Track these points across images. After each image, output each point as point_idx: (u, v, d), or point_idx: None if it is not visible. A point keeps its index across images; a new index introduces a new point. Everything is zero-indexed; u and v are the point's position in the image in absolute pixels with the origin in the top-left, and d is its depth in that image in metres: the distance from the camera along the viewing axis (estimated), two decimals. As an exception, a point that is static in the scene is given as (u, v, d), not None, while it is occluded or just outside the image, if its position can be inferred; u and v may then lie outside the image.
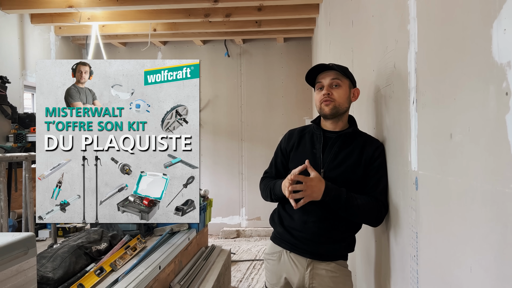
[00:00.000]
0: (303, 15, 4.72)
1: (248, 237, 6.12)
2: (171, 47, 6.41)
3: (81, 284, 2.03)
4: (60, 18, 4.97)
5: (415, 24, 1.22)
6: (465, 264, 0.89)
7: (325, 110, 1.63)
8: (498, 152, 0.75)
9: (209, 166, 6.15)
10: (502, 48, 0.74)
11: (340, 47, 3.00)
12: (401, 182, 1.40)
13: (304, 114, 6.03)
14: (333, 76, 1.63)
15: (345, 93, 1.64)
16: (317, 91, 1.68)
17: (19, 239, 1.45)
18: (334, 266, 1.65)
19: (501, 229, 0.75)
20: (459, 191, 0.93)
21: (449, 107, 0.98)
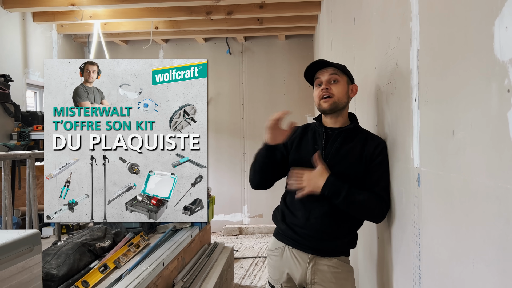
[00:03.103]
0: (304, 12, 4.72)
1: (250, 234, 6.14)
2: (173, 45, 6.41)
3: (86, 281, 2.04)
4: (62, 16, 4.98)
5: (417, 22, 1.23)
6: (467, 260, 0.90)
7: (323, 106, 1.64)
8: (500, 148, 0.76)
9: (211, 163, 6.14)
10: (504, 46, 0.74)
11: (342, 45, 3.00)
12: (403, 179, 1.41)
13: (306, 111, 6.03)
14: (331, 72, 1.64)
15: (343, 89, 1.65)
16: (316, 87, 1.69)
17: (24, 236, 1.46)
18: (336, 262, 1.66)
19: (503, 225, 0.75)
20: (461, 188, 0.93)
21: (451, 104, 0.98)
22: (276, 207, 1.83)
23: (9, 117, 3.91)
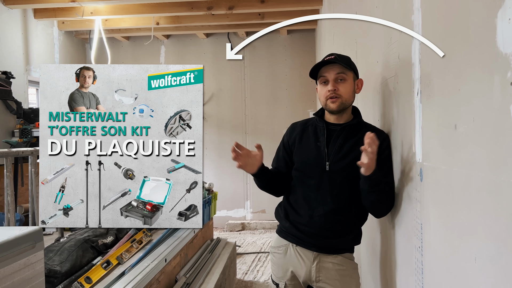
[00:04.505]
0: (306, 7, 4.69)
1: (253, 230, 6.15)
2: (174, 40, 6.40)
3: (88, 277, 2.05)
4: (63, 12, 4.97)
5: (419, 15, 1.21)
6: (469, 254, 0.89)
7: (331, 107, 1.60)
8: (503, 142, 0.75)
9: (213, 159, 6.16)
10: (507, 38, 0.73)
11: (344, 39, 2.99)
12: (405, 174, 1.40)
13: (308, 106, 6.02)
14: (338, 70, 1.59)
15: (350, 87, 1.61)
16: (321, 85, 1.65)
17: (26, 233, 1.46)
18: (340, 259, 1.65)
19: (506, 219, 0.75)
20: (463, 182, 0.93)
21: (453, 98, 0.97)
22: (278, 204, 1.82)
23: (11, 114, 3.91)
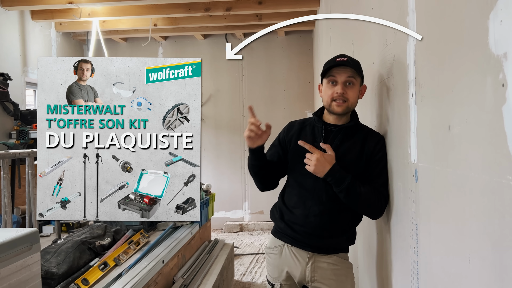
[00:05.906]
0: (304, 8, 4.70)
1: (251, 231, 6.15)
2: (172, 42, 6.40)
3: (85, 279, 2.05)
4: (60, 14, 4.96)
5: (414, 16, 1.22)
6: (463, 255, 0.90)
7: (336, 110, 1.60)
8: (496, 143, 0.75)
9: (211, 160, 6.16)
10: (499, 39, 0.74)
11: (340, 40, 2.99)
12: (401, 175, 1.41)
13: (306, 107, 6.03)
14: (349, 74, 1.58)
15: (357, 93, 1.62)
16: (328, 85, 1.62)
17: (22, 234, 1.46)
18: (335, 259, 1.66)
19: (499, 219, 0.75)
20: (457, 183, 0.93)
21: (447, 99, 0.98)
22: (273, 205, 1.82)
23: (8, 116, 3.91)
